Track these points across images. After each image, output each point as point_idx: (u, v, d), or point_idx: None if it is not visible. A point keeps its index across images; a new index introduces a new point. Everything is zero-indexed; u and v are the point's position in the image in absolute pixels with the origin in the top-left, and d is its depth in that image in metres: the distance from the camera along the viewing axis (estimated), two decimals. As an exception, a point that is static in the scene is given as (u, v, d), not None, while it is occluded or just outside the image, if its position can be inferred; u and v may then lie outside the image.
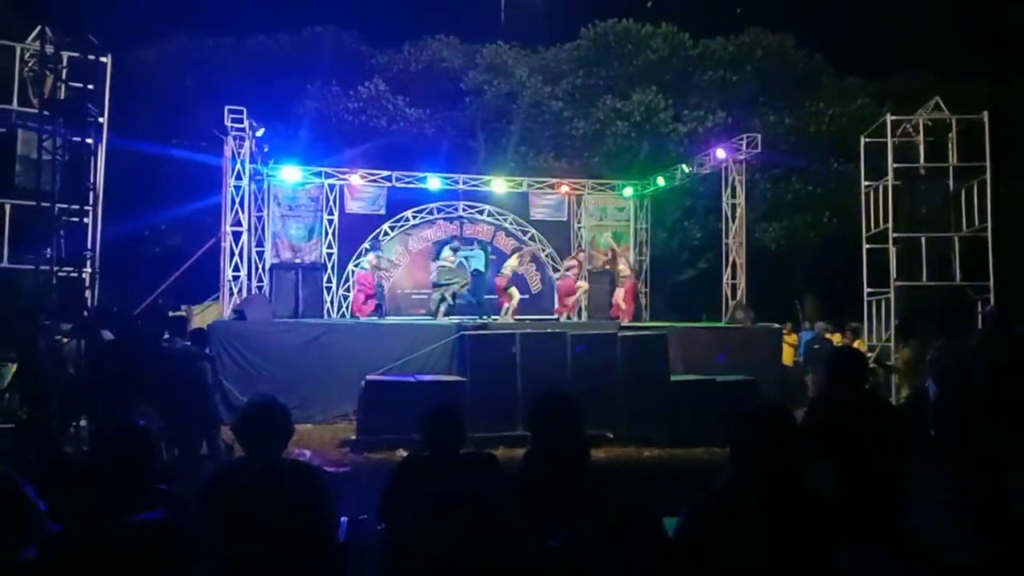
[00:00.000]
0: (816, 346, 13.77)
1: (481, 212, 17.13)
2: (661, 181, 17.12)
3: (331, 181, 16.06)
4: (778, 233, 20.42)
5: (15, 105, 9.30)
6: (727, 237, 15.07)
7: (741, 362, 11.51)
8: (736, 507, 2.51)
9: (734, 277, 14.88)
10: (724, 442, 2.66)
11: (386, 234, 16.35)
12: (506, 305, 14.24)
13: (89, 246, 9.33)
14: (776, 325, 13.76)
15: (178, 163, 18.12)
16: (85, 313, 8.21)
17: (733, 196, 15.07)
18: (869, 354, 11.77)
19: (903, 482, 3.73)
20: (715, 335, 12.92)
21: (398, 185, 16.34)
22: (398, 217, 16.53)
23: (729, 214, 15.08)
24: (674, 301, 20.35)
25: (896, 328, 11.43)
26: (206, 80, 18.94)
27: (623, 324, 13.23)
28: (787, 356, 14.48)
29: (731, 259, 14.90)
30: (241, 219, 13.31)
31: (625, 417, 9.61)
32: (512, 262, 14.69)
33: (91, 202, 9.25)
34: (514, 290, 14.44)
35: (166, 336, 7.89)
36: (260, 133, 13.60)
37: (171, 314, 11.41)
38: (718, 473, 2.63)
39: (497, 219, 17.23)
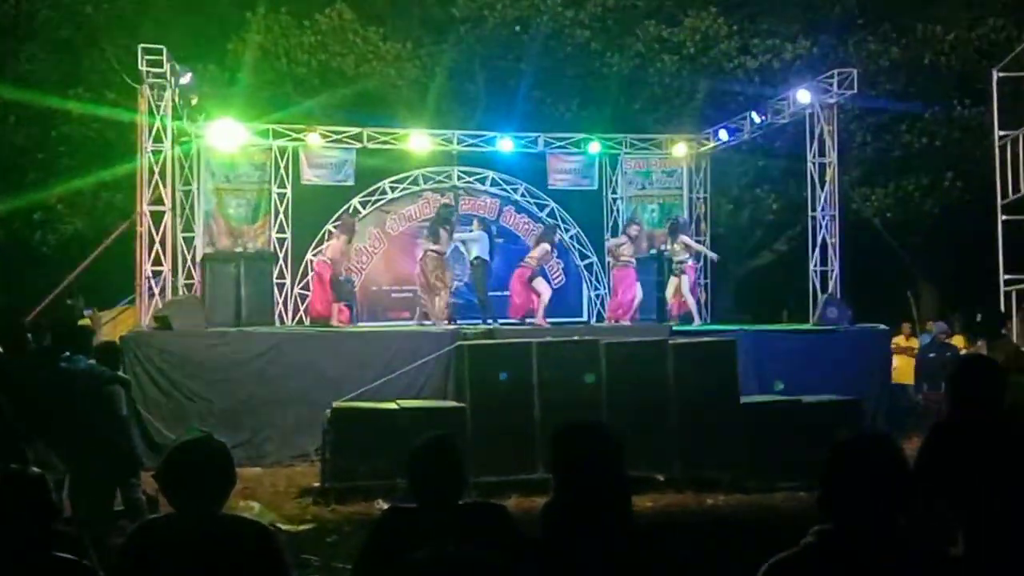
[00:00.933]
0: (931, 355, 13.72)
1: (483, 180, 17.14)
2: (724, 135, 17.09)
3: (282, 142, 16.10)
4: (883, 202, 20.31)
5: None
6: (814, 209, 15.04)
7: (837, 377, 11.54)
8: (829, 570, 2.51)
9: (824, 262, 14.86)
10: (814, 484, 2.66)
11: (356, 211, 16.38)
12: (530, 306, 14.12)
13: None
14: (883, 326, 13.72)
15: (78, 120, 18.22)
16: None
17: (821, 153, 15.02)
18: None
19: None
20: (800, 341, 12.94)
21: (371, 146, 16.38)
22: (372, 189, 16.57)
23: (816, 177, 15.04)
24: (744, 295, 20.30)
25: (966, 326, 11.34)
26: (114, 9, 18.98)
27: (675, 327, 13.21)
28: (903, 369, 14.41)
29: (820, 238, 14.88)
30: (163, 195, 13.37)
31: (680, 453, 9.63)
32: (538, 252, 14.54)
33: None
34: (541, 282, 14.33)
35: (66, 353, 7.93)
36: (187, 80, 13.66)
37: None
38: (805, 525, 2.63)
39: (505, 189, 17.23)
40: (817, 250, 14.95)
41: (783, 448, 9.20)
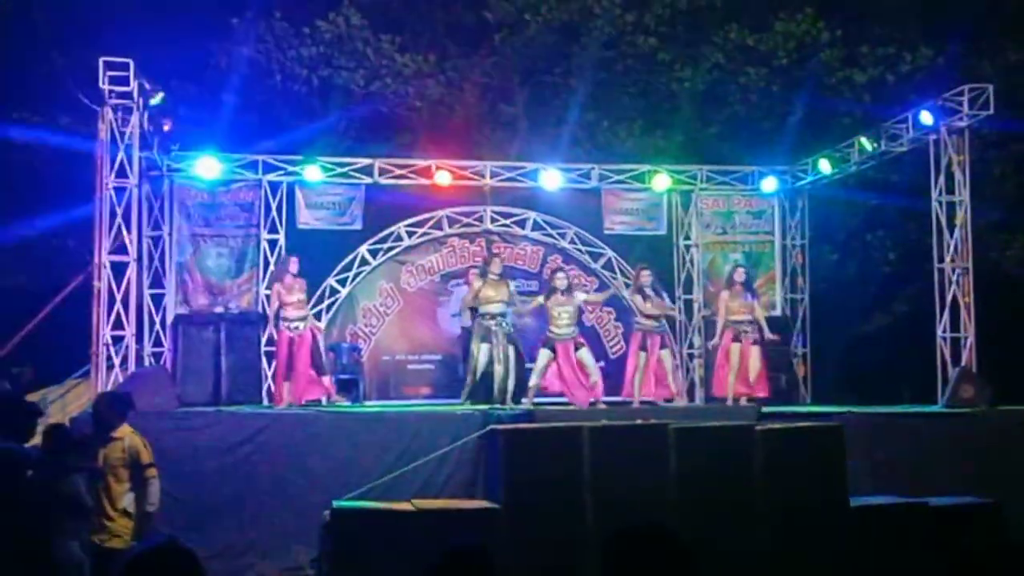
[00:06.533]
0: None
1: (522, 224, 17.21)
2: (826, 166, 17.03)
3: (273, 177, 16.23)
4: (1030, 251, 20.19)
5: None
6: (941, 259, 14.92)
7: (972, 474, 11.40)
8: None
9: (955, 327, 14.71)
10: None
11: (364, 262, 16.51)
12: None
13: None
14: (1032, 408, 13.58)
15: (22, 151, 18.46)
16: None
17: (949, 190, 14.94)
18: None
19: None
20: (925, 427, 12.78)
21: (384, 182, 16.46)
22: (384, 234, 16.63)
23: (944, 220, 14.96)
24: (853, 369, 20.09)
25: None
26: (69, 16, 19.33)
27: (764, 409, 13.11)
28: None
29: (949, 296, 14.75)
30: (127, 242, 13.38)
31: (772, 568, 9.53)
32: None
33: None
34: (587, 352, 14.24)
35: None
36: (157, 100, 13.75)
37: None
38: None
39: (549, 235, 17.30)
40: (946, 312, 14.76)
41: (903, 563, 9.06)
